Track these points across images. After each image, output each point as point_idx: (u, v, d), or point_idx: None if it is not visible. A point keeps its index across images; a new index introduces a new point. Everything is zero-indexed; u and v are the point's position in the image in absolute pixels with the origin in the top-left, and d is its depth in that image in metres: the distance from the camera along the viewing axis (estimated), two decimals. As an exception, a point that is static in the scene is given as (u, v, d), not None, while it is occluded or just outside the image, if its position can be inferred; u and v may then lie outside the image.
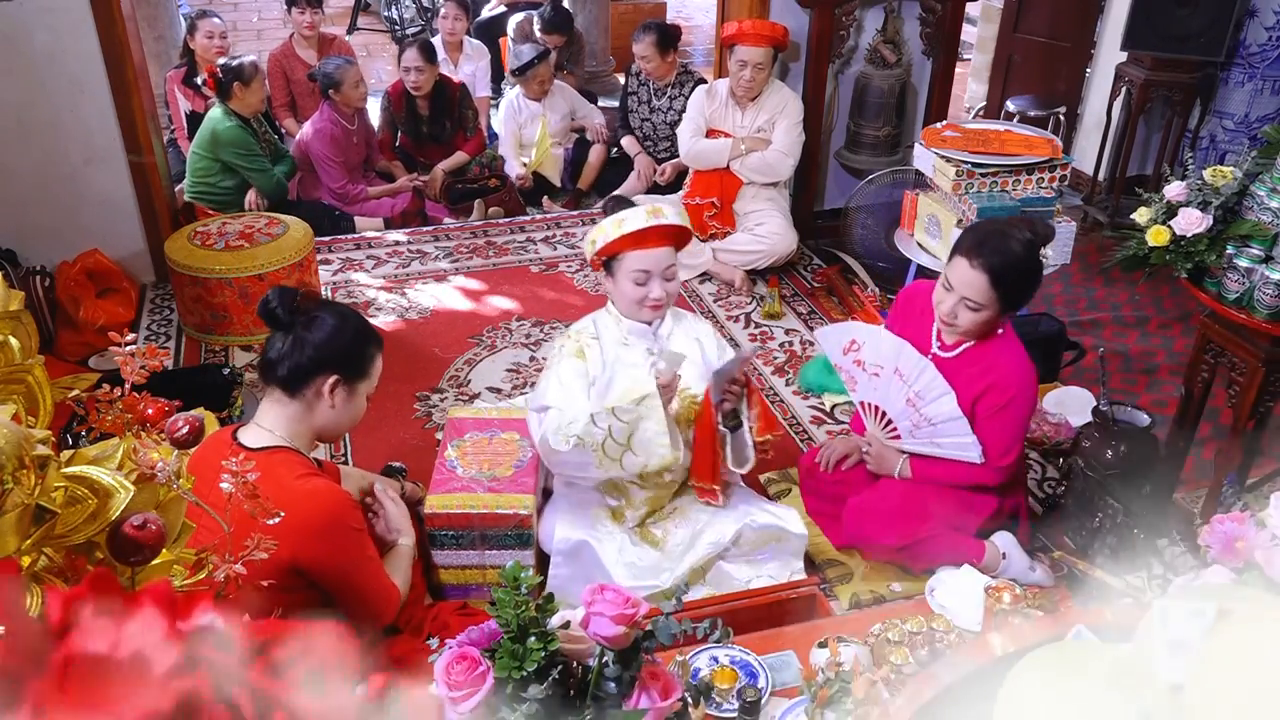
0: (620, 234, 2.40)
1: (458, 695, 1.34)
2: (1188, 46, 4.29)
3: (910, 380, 2.50)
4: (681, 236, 2.51)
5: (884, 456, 2.63)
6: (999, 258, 2.33)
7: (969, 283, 2.36)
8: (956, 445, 2.49)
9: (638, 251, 2.42)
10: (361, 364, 2.10)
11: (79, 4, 3.61)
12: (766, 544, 2.54)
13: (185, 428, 1.19)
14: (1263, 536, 1.31)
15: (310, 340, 2.02)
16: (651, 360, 2.47)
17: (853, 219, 4.18)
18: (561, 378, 2.49)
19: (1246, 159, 2.51)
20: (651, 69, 4.72)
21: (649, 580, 2.44)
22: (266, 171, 4.43)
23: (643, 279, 2.44)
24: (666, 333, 2.57)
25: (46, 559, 0.99)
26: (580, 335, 2.56)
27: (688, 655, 1.95)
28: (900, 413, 2.57)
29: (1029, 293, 2.48)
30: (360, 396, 2.12)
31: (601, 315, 2.60)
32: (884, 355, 2.54)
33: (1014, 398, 2.44)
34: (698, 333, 2.63)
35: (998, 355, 2.47)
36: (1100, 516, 2.65)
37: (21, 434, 0.96)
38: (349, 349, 2.07)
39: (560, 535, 2.47)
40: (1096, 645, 1.03)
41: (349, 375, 2.06)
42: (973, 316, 2.40)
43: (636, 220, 2.41)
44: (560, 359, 2.53)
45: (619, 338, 2.53)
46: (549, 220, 4.85)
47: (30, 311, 1.15)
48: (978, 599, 2.14)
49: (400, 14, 7.47)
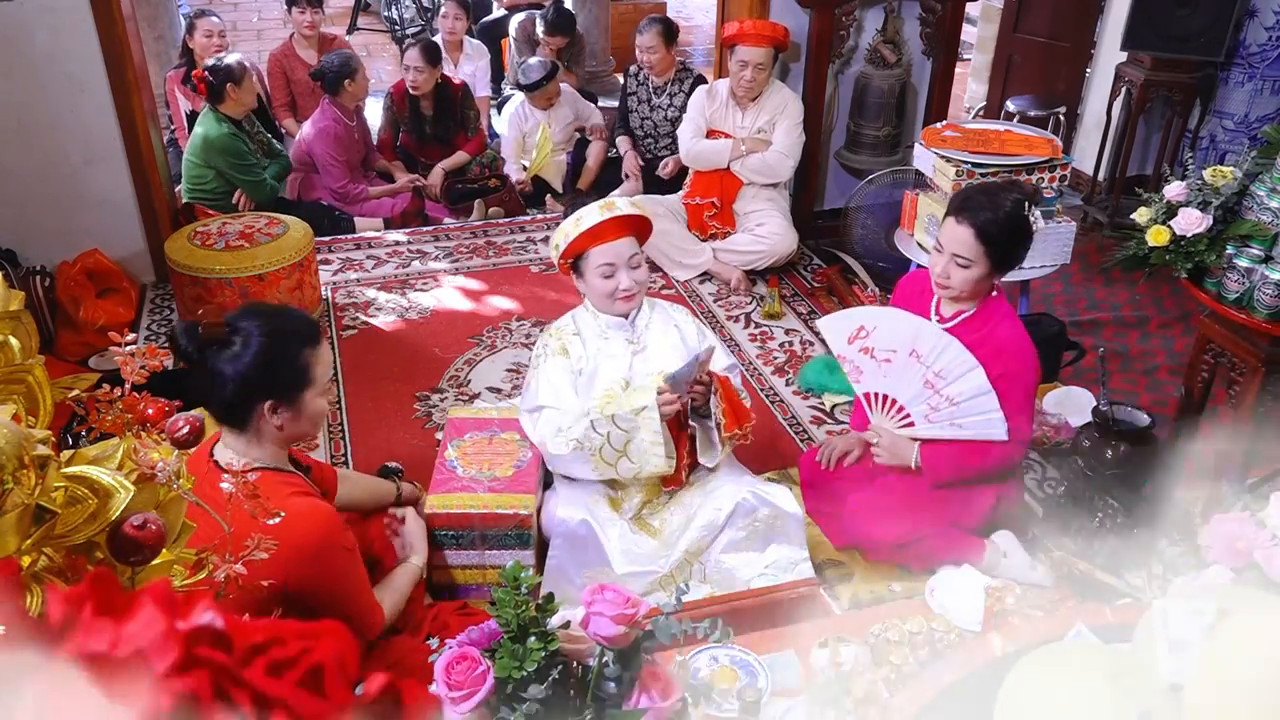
0: (579, 231, 2.46)
1: (458, 695, 1.34)
2: (1188, 46, 4.29)
3: (930, 360, 2.46)
4: (641, 226, 2.54)
5: (896, 446, 2.58)
6: (985, 213, 2.39)
7: (957, 239, 2.41)
8: (982, 423, 2.45)
9: (599, 246, 2.48)
10: (292, 377, 1.92)
11: (79, 4, 3.61)
12: (762, 532, 2.53)
13: (185, 428, 1.19)
14: (1263, 536, 1.31)
15: (225, 374, 1.86)
16: (633, 350, 2.55)
17: (853, 219, 4.18)
18: (550, 377, 2.55)
19: (1246, 159, 2.51)
20: (655, 60, 4.73)
21: (647, 566, 2.46)
22: (260, 180, 4.41)
23: (609, 271, 2.49)
24: (644, 323, 2.61)
25: (46, 559, 0.99)
26: (561, 333, 2.62)
27: (688, 655, 1.95)
28: (915, 397, 2.52)
29: (1017, 250, 2.47)
30: (310, 403, 1.96)
31: (580, 312, 2.66)
32: (899, 337, 2.49)
33: (1018, 366, 2.45)
34: (675, 320, 2.67)
35: (996, 324, 2.48)
36: (1100, 516, 2.65)
37: (21, 434, 0.96)
38: (270, 369, 1.89)
39: (562, 515, 2.48)
40: (1096, 645, 1.03)
41: (282, 395, 1.91)
42: (964, 274, 2.43)
43: (591, 216, 2.46)
44: (545, 358, 2.59)
45: (598, 331, 2.59)
46: (549, 220, 4.85)
47: (30, 311, 1.15)
48: (978, 599, 2.15)
49: (400, 14, 7.46)
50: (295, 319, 2.00)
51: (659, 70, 4.78)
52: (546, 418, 2.51)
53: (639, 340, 2.59)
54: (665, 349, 2.59)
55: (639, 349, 2.58)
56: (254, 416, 1.90)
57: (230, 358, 1.86)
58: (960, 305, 2.53)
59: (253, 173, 4.39)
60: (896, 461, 2.59)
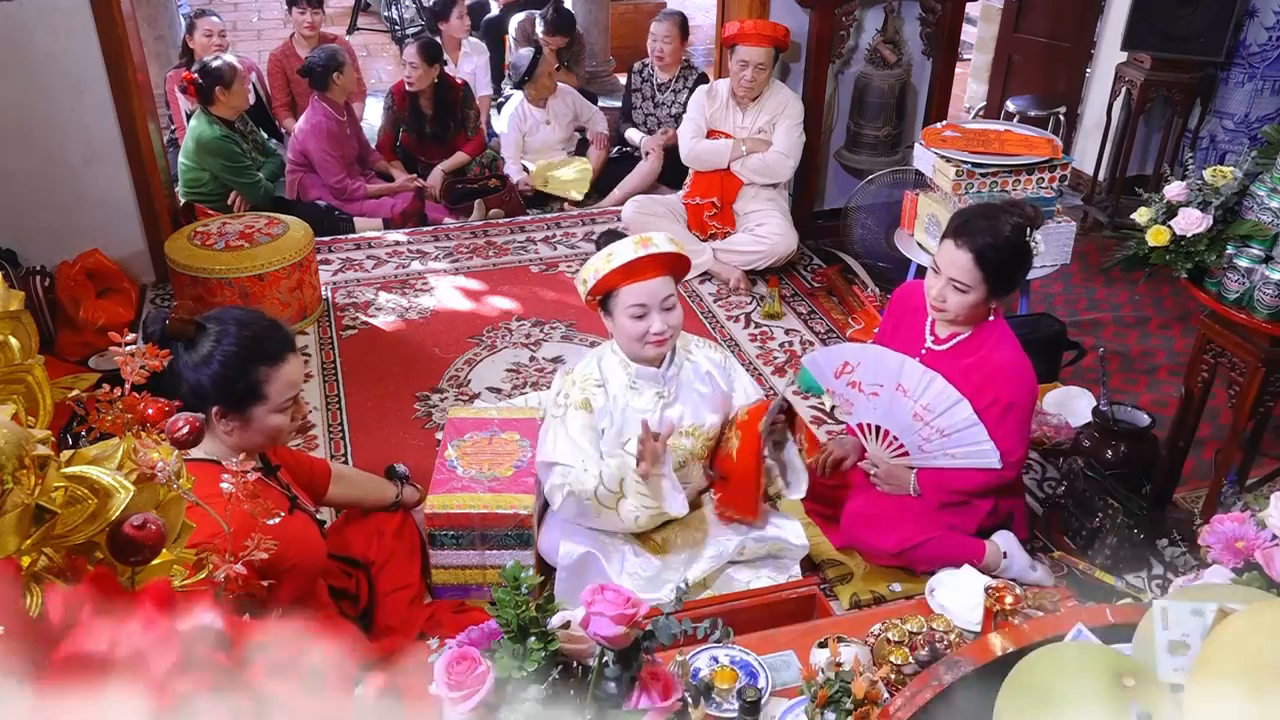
0: (610, 268, 2.28)
1: (458, 695, 1.34)
2: (1188, 46, 4.29)
3: (916, 394, 2.45)
4: (678, 264, 2.37)
5: (894, 474, 2.59)
6: (984, 238, 2.34)
7: (955, 263, 2.37)
8: (973, 453, 2.45)
9: (631, 285, 2.30)
10: (244, 391, 1.92)
11: (79, 4, 3.61)
12: (767, 557, 2.54)
13: (185, 428, 1.18)
14: (1263, 536, 1.31)
15: (182, 373, 1.88)
16: (663, 403, 2.43)
17: (853, 219, 4.18)
18: (571, 433, 2.42)
19: (1246, 159, 2.51)
20: (668, 51, 4.79)
21: (651, 594, 2.40)
22: (254, 182, 4.41)
23: (640, 313, 2.32)
24: (675, 372, 2.46)
25: (46, 559, 0.99)
26: (586, 383, 2.45)
27: (688, 655, 1.95)
28: (906, 428, 2.52)
29: (1016, 276, 2.45)
30: (261, 418, 1.95)
31: (606, 356, 2.49)
32: (884, 373, 2.48)
33: (1012, 392, 2.43)
34: (709, 366, 2.54)
35: (992, 348, 2.46)
36: (1100, 516, 2.64)
37: (21, 434, 0.96)
38: (221, 379, 1.89)
39: (565, 549, 2.43)
40: (1096, 645, 1.03)
41: (231, 405, 1.91)
42: (960, 299, 2.40)
43: (625, 252, 2.28)
44: (566, 411, 2.45)
45: (626, 382, 2.43)
46: (549, 220, 4.85)
47: (30, 311, 1.15)
48: (978, 599, 2.14)
49: (400, 14, 7.46)
50: (265, 333, 1.97)
51: (668, 63, 4.79)
52: (556, 474, 2.42)
53: (670, 393, 2.45)
54: (695, 399, 2.47)
55: (669, 401, 2.45)
56: (208, 415, 1.90)
57: (190, 359, 1.89)
58: (956, 327, 2.50)
59: (246, 174, 4.39)
60: (895, 489, 2.60)
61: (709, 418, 2.48)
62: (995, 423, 2.43)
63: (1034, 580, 2.51)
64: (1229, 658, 0.87)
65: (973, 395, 2.43)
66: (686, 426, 2.46)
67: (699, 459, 2.52)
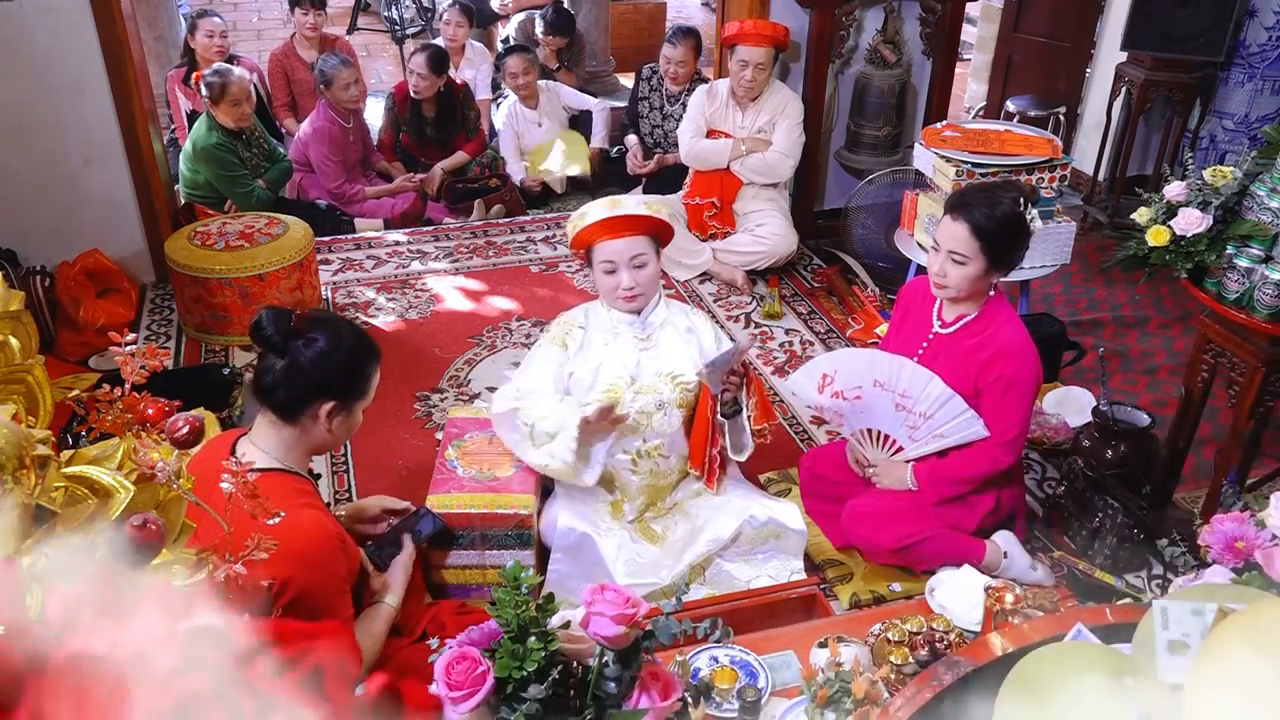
0: (582, 225, 2.46)
1: (458, 695, 1.34)
2: (1188, 46, 4.29)
3: (892, 384, 2.51)
4: (653, 226, 2.50)
5: (892, 471, 2.63)
6: (979, 209, 2.40)
7: (953, 235, 2.41)
8: (958, 425, 2.48)
9: (603, 242, 2.47)
10: (359, 385, 2.02)
11: (79, 4, 3.61)
12: (766, 540, 2.55)
13: (185, 428, 1.19)
14: (1263, 536, 1.31)
15: (304, 367, 1.92)
16: (642, 347, 2.55)
17: (853, 219, 4.18)
18: (536, 361, 2.59)
19: (1246, 159, 2.51)
20: (684, 74, 4.72)
21: (648, 578, 2.46)
22: (248, 191, 4.38)
23: (610, 269, 2.49)
24: (659, 320, 2.60)
25: (46, 559, 0.99)
26: (569, 325, 2.62)
27: (688, 655, 1.95)
28: (894, 421, 2.56)
29: (1014, 248, 2.47)
30: (357, 414, 2.05)
31: (595, 305, 2.65)
32: (858, 372, 2.55)
33: (1014, 370, 2.45)
34: (692, 322, 2.66)
35: (998, 329, 2.49)
36: (1100, 516, 2.65)
37: (21, 434, 0.96)
38: (346, 372, 1.98)
39: (564, 525, 2.48)
40: (1096, 645, 1.04)
41: (346, 399, 1.99)
42: (960, 272, 2.43)
43: (596, 212, 2.47)
44: (543, 345, 2.63)
45: (609, 326, 2.58)
46: (549, 220, 4.85)
47: (30, 311, 1.15)
48: (978, 599, 2.14)
49: (400, 14, 7.46)
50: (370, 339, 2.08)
51: (681, 81, 4.77)
52: (507, 388, 2.58)
53: (650, 338, 2.57)
54: (677, 348, 2.58)
55: (648, 346, 2.57)
56: (310, 413, 1.95)
57: (316, 353, 1.93)
58: (961, 309, 2.53)
59: (240, 184, 4.36)
60: (896, 486, 2.62)
61: (687, 370, 2.56)
62: (995, 400, 2.46)
63: (1034, 580, 2.51)
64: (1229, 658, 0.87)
65: (976, 374, 2.46)
66: (664, 373, 2.55)
67: (677, 408, 2.57)
